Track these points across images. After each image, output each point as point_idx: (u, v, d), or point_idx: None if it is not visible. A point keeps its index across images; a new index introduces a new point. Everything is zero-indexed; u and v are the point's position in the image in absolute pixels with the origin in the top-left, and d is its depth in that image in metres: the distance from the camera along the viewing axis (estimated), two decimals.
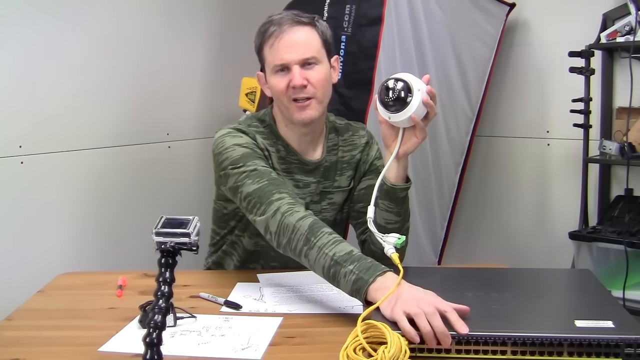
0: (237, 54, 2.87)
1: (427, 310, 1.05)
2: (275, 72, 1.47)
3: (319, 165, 1.58)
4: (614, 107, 2.58)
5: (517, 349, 1.01)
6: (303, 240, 1.29)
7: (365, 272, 1.19)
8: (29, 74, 2.08)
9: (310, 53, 1.45)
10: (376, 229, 1.34)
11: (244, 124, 1.53)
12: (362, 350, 1.01)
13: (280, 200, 1.36)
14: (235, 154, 1.45)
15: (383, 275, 1.18)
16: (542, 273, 1.42)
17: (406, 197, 1.45)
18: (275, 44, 1.45)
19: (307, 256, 1.28)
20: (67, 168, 2.23)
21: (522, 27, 2.81)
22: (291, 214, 1.33)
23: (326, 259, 1.24)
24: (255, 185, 1.40)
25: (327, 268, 1.24)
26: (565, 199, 2.71)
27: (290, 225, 1.31)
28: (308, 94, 1.46)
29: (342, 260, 1.22)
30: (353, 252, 1.25)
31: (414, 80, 1.31)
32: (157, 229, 0.95)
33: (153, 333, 0.88)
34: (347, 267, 1.21)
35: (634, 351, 0.98)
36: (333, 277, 1.24)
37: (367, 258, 1.23)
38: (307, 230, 1.29)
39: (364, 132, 1.67)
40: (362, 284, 1.18)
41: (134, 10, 2.46)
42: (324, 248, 1.26)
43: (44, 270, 1.64)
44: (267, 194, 1.37)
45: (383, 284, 1.16)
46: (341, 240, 1.28)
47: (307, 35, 1.47)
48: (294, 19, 1.47)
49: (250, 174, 1.42)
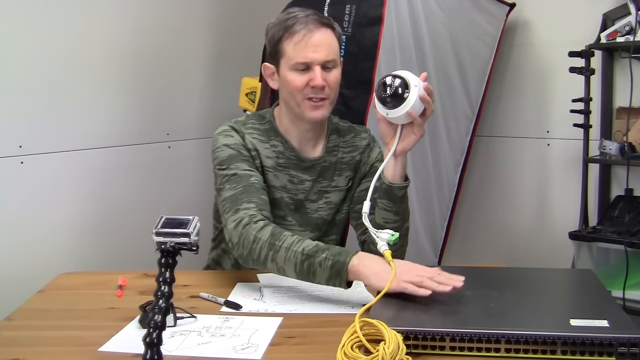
0: (237, 54, 2.88)
1: (426, 274, 1.20)
2: (294, 69, 1.49)
3: (316, 163, 1.59)
4: (614, 107, 2.57)
5: (511, 346, 1.01)
6: (267, 247, 1.33)
7: (339, 255, 1.27)
8: (29, 74, 2.08)
9: (332, 55, 1.50)
10: (375, 228, 1.34)
11: (240, 122, 1.57)
12: (359, 348, 1.01)
13: (245, 211, 1.40)
14: (222, 154, 1.50)
15: (356, 254, 1.27)
16: (543, 273, 1.43)
17: (405, 196, 1.46)
18: (303, 42, 1.47)
19: (274, 260, 1.33)
20: (67, 168, 2.23)
21: (522, 27, 2.81)
22: (250, 226, 1.37)
23: (297, 256, 1.30)
24: (231, 191, 1.45)
25: (300, 263, 1.29)
26: (565, 199, 2.71)
27: (250, 237, 1.36)
28: (324, 95, 1.50)
29: (313, 252, 1.29)
30: (319, 245, 1.31)
31: (410, 77, 1.33)
32: (157, 229, 0.96)
33: (153, 333, 0.88)
34: (321, 256, 1.28)
35: (627, 350, 0.98)
36: (308, 269, 1.29)
37: (335, 246, 1.32)
38: (269, 237, 1.34)
39: (366, 135, 1.68)
40: (340, 266, 1.26)
41: (134, 10, 2.46)
42: (292, 247, 1.31)
43: (44, 270, 1.64)
44: (237, 202, 1.42)
45: (361, 260, 1.26)
46: (304, 238, 1.34)
47: (330, 37, 1.51)
48: (319, 20, 1.51)
49: (230, 178, 1.47)
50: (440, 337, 1.03)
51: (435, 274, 1.21)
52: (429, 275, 1.20)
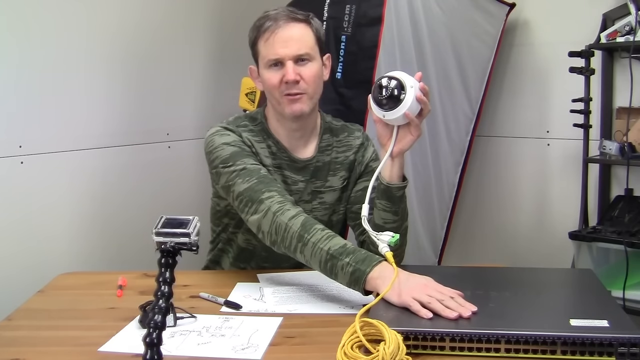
0: (237, 54, 2.86)
1: (437, 296, 1.14)
2: (268, 67, 1.49)
3: (309, 164, 1.59)
4: (614, 107, 2.57)
5: (511, 346, 1.01)
6: (297, 238, 1.33)
7: (362, 263, 1.25)
8: (29, 74, 2.07)
9: (304, 49, 1.48)
10: (374, 229, 1.34)
11: (232, 124, 1.55)
12: (359, 348, 1.02)
13: (271, 199, 1.39)
14: (224, 153, 1.48)
15: (379, 264, 1.24)
16: (543, 273, 1.42)
17: (403, 196, 1.46)
18: (271, 38, 1.47)
19: (302, 252, 1.32)
20: (67, 168, 2.23)
21: (522, 27, 2.81)
22: (282, 213, 1.36)
23: (322, 254, 1.29)
24: (246, 184, 1.43)
25: (324, 262, 1.29)
26: (565, 199, 2.71)
27: (282, 224, 1.35)
28: (300, 90, 1.48)
29: (338, 253, 1.28)
30: (347, 246, 1.29)
31: (406, 78, 1.32)
32: (157, 229, 0.95)
33: (153, 333, 0.88)
34: (344, 260, 1.26)
35: (627, 350, 0.98)
36: (330, 270, 1.28)
37: (362, 250, 1.29)
38: (299, 228, 1.33)
39: (360, 134, 1.67)
40: (360, 275, 1.23)
41: (134, 10, 2.45)
42: (319, 243, 1.30)
43: (44, 270, 1.64)
44: (257, 193, 1.40)
45: (381, 273, 1.22)
46: (334, 235, 1.33)
47: (301, 31, 1.49)
48: (290, 15, 1.49)
49: (240, 172, 1.45)
50: (440, 337, 1.03)
51: (448, 297, 1.14)
52: (440, 298, 1.14)
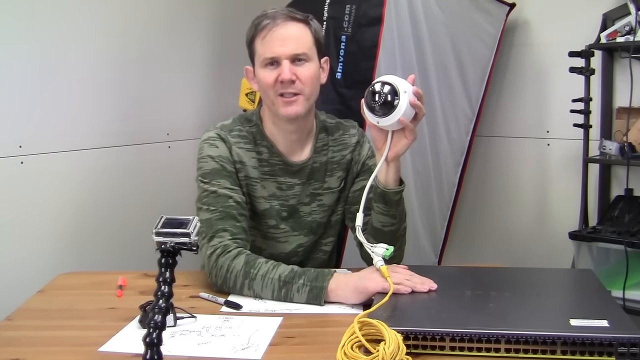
0: (237, 54, 2.85)
1: (402, 278, 1.26)
2: (264, 66, 1.47)
3: (304, 166, 1.56)
4: (614, 107, 2.57)
5: (511, 346, 1.01)
6: (242, 275, 1.35)
7: (316, 280, 1.30)
8: (29, 74, 2.07)
9: (302, 49, 1.45)
10: (372, 232, 1.34)
11: (227, 129, 1.53)
12: (359, 348, 1.02)
13: (220, 239, 1.40)
14: (206, 166, 1.49)
15: (332, 277, 1.30)
16: (543, 273, 1.42)
17: (401, 200, 1.44)
18: (268, 36, 1.45)
19: (250, 287, 1.34)
20: (67, 168, 2.22)
21: (522, 27, 2.81)
22: (224, 255, 1.38)
23: (274, 283, 1.32)
24: (208, 214, 1.44)
25: (278, 290, 1.32)
26: (565, 199, 2.71)
27: (224, 266, 1.37)
28: (295, 90, 1.46)
29: (290, 278, 1.31)
30: (295, 269, 1.34)
31: (399, 82, 1.28)
32: (157, 229, 0.96)
33: (153, 333, 0.88)
34: (298, 282, 1.30)
35: (627, 350, 0.98)
36: (285, 295, 1.31)
37: (310, 269, 1.33)
38: (243, 265, 1.35)
39: (355, 131, 1.65)
40: (318, 291, 1.29)
41: (134, 10, 2.45)
42: (268, 274, 1.33)
43: (44, 270, 1.64)
44: (212, 228, 1.42)
45: (338, 284, 1.29)
46: (278, 263, 1.36)
47: (299, 31, 1.47)
48: (288, 14, 1.47)
49: (210, 195, 1.46)
50: (440, 337, 1.03)
51: (408, 276, 1.27)
52: (404, 279, 1.26)
